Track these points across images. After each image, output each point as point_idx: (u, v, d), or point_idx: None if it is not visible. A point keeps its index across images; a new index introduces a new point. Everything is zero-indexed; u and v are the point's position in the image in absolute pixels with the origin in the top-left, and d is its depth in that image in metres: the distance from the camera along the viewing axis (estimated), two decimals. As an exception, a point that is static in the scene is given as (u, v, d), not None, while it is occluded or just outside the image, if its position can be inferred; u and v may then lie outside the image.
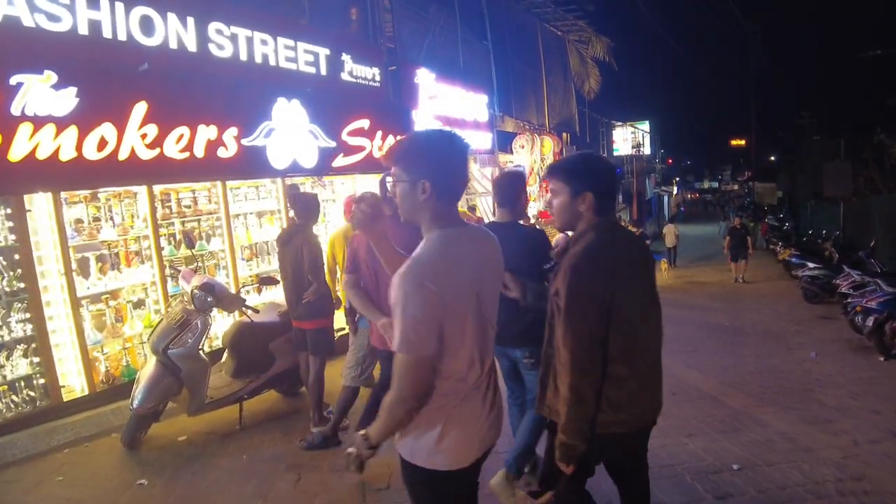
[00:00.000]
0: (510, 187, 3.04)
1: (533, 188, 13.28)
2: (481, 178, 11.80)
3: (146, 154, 4.76)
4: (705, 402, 5.01)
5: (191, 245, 4.34)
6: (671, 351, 7.16)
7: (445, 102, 9.20)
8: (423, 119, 8.57)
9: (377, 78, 7.49)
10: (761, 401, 5.02)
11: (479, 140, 10.46)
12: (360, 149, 6.92)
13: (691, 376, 5.81)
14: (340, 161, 6.69)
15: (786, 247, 16.28)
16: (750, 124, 48.51)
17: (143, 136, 4.72)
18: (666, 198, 37.63)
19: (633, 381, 1.95)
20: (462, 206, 10.92)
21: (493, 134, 10.93)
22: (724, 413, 4.70)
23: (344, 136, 6.73)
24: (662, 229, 20.48)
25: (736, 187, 55.27)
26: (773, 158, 46.22)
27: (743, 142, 52.70)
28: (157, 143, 4.83)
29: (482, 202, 11.99)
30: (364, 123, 6.94)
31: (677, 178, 47.32)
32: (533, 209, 13.44)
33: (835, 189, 16.71)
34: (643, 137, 30.29)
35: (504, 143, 12.18)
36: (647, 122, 31.60)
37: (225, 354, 4.75)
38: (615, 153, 26.56)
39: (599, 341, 1.82)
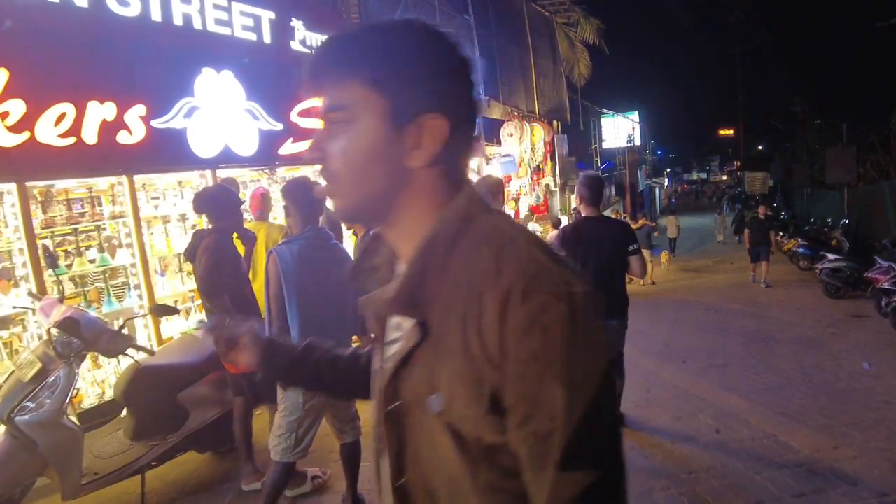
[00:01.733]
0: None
1: (524, 181, 12.11)
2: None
3: (9, 139, 3.52)
4: (761, 442, 3.87)
5: (52, 264, 3.08)
6: (700, 367, 5.89)
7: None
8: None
9: (337, 50, 6.28)
10: (832, 437, 3.90)
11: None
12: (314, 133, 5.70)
13: (732, 402, 4.66)
14: (290, 147, 5.45)
15: (790, 237, 15.39)
16: (737, 113, 47.92)
17: (3, 116, 3.48)
18: (658, 189, 36.72)
19: None
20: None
21: (478, 120, 9.71)
22: (789, 459, 3.57)
23: (294, 117, 5.49)
24: (657, 221, 19.48)
25: (725, 178, 54.61)
26: (760, 148, 45.58)
27: (731, 131, 52.03)
28: (26, 124, 3.59)
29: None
30: (318, 103, 5.70)
31: (668, 170, 46.45)
32: (524, 204, 12.28)
33: (838, 175, 15.78)
34: (634, 128, 29.27)
35: (491, 131, 10.98)
36: (636, 112, 30.54)
37: (124, 410, 3.51)
38: (603, 145, 25.51)
39: None
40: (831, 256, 10.01)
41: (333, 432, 3.04)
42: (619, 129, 27.66)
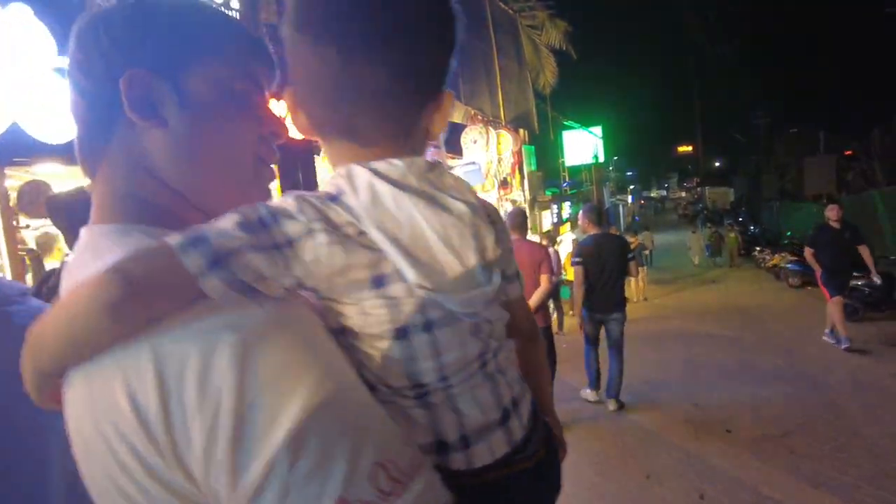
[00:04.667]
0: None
1: (491, 194, 10.50)
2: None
3: None
4: None
5: None
6: (754, 440, 4.10)
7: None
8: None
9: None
10: None
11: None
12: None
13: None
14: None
15: (774, 252, 14.34)
16: (695, 130, 48.28)
17: None
18: (621, 207, 36.07)
19: None
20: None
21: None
22: None
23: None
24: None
25: (684, 194, 54.87)
26: (717, 164, 45.90)
27: (690, 148, 52.49)
28: None
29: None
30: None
31: (632, 187, 46.12)
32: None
33: (817, 186, 14.92)
34: (597, 144, 28.37)
35: (450, 136, 9.33)
36: (600, 127, 29.72)
37: None
38: (568, 160, 24.33)
39: None
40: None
41: None
42: (584, 145, 26.67)
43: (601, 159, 29.16)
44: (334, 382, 0.48)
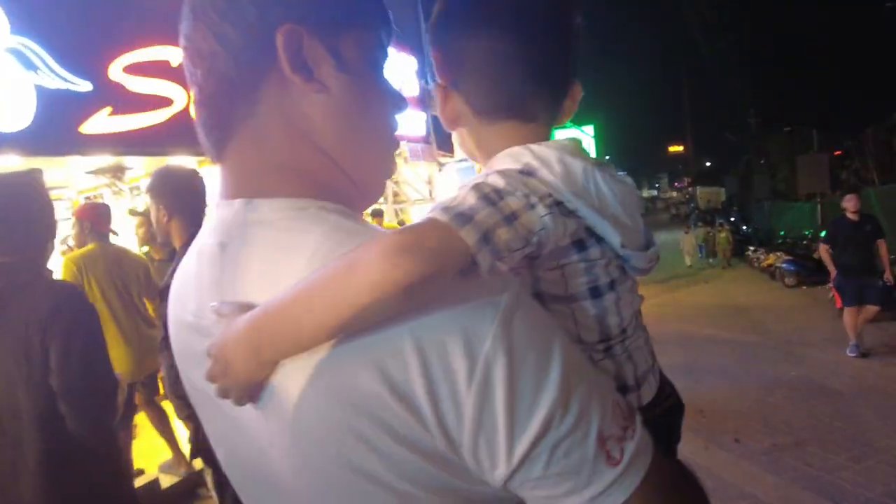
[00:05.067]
0: None
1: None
2: (413, 180, 8.61)
3: None
4: None
5: None
6: (763, 450, 3.82)
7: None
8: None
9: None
10: None
11: (407, 121, 7.28)
12: (161, 102, 3.55)
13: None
14: (107, 123, 3.28)
15: (768, 252, 14.19)
16: (686, 129, 48.35)
17: None
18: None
19: None
20: (390, 219, 7.67)
21: (426, 115, 7.78)
22: None
23: (117, 74, 3.34)
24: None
25: (675, 194, 55.03)
26: (708, 164, 46.04)
27: (681, 148, 52.58)
28: None
29: (417, 214, 8.80)
30: (172, 54, 3.56)
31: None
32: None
33: (811, 185, 14.80)
34: (590, 143, 28.20)
35: (442, 132, 9.04)
36: (592, 126, 29.57)
37: None
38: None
39: None
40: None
41: None
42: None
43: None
44: (569, 340, 0.50)
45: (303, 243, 0.48)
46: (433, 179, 8.82)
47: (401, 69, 7.11)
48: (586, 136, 26.81)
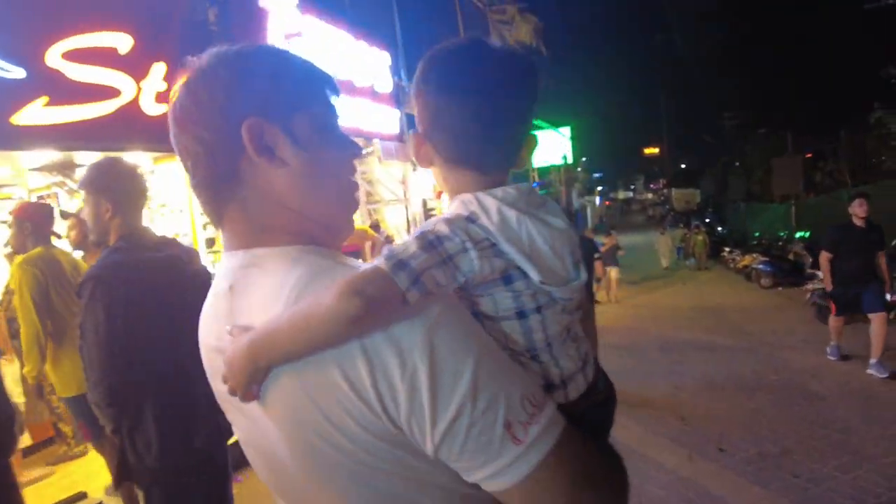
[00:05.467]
0: None
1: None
2: (387, 180, 8.35)
3: None
4: None
5: None
6: (747, 459, 3.69)
7: (318, 48, 5.71)
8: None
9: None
10: None
11: (381, 119, 7.03)
12: (107, 93, 3.25)
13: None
14: (44, 114, 2.98)
15: (744, 253, 14.25)
16: (662, 132, 48.86)
17: None
18: (589, 208, 36.09)
19: None
20: (364, 220, 7.40)
21: (400, 112, 7.54)
22: None
23: (55, 61, 3.04)
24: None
25: (650, 196, 55.60)
26: (683, 166, 46.54)
27: (656, 150, 53.10)
28: None
29: (391, 214, 8.55)
30: (121, 42, 3.28)
31: (600, 188, 46.37)
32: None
33: (786, 186, 14.95)
34: (566, 145, 28.23)
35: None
36: (568, 128, 29.61)
37: None
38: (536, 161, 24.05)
39: None
40: (822, 275, 8.53)
41: None
42: (553, 145, 26.47)
43: (570, 160, 29.10)
44: (487, 345, 0.65)
45: (286, 281, 0.65)
46: (407, 179, 8.57)
47: (374, 64, 6.86)
48: (563, 137, 26.91)
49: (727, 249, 15.24)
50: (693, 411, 4.67)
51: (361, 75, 6.52)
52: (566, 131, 28.95)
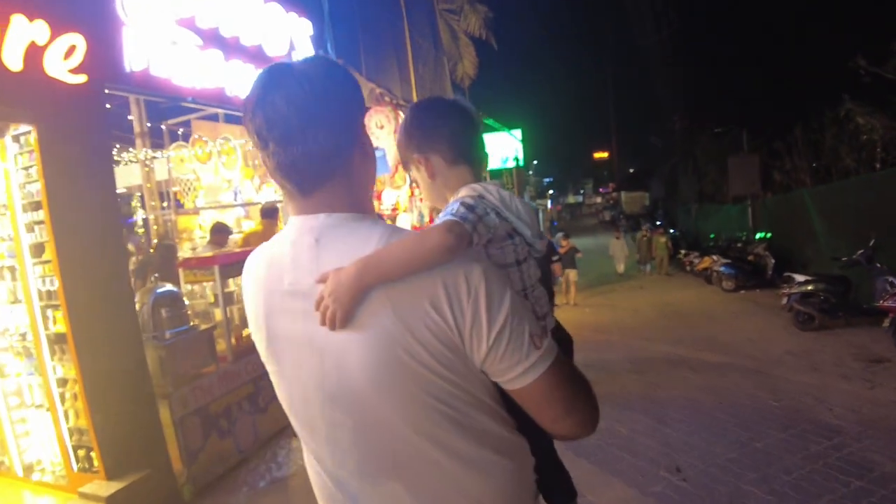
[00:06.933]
0: None
1: (401, 192, 8.87)
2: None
3: None
4: None
5: None
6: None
7: (214, 4, 4.47)
8: (156, 22, 3.83)
9: None
10: None
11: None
12: None
13: None
14: None
15: (702, 255, 13.70)
16: (611, 136, 49.25)
17: None
18: (541, 212, 35.69)
19: None
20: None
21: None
22: None
23: None
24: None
25: (599, 200, 55.95)
26: (631, 171, 46.95)
27: (605, 154, 53.50)
28: None
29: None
30: None
31: (551, 192, 46.14)
32: (405, 222, 9.01)
33: (742, 186, 14.53)
34: (517, 147, 27.56)
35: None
36: (520, 130, 29.00)
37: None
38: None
39: None
40: (800, 278, 7.86)
41: None
42: (504, 147, 25.75)
43: (521, 163, 28.46)
44: (511, 285, 0.98)
45: (372, 235, 0.93)
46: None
47: (291, 32, 5.63)
48: (515, 139, 26.19)
49: (682, 252, 14.69)
50: (687, 456, 3.68)
51: (274, 40, 5.28)
52: (518, 133, 28.38)
